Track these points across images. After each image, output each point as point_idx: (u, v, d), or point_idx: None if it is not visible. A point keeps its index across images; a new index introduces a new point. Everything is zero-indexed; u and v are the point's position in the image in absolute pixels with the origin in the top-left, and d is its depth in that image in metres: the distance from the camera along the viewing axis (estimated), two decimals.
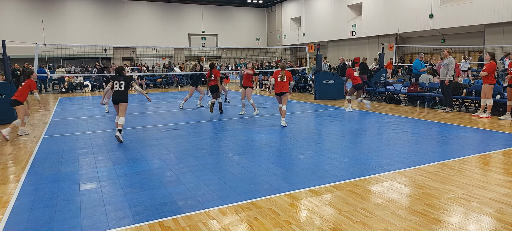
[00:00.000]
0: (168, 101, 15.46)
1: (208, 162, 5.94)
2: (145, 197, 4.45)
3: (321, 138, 7.75)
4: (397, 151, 6.41)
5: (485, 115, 9.56)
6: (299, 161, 5.90)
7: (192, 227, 3.67)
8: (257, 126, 9.27)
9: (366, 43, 30.76)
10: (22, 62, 22.50)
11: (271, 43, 41.81)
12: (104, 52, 33.31)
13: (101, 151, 6.93)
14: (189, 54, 37.58)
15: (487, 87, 9.47)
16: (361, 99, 11.92)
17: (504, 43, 21.21)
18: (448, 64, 10.48)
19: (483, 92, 9.63)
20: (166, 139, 7.84)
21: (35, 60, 12.42)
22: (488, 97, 9.53)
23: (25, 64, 21.04)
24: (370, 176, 5.07)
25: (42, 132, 9.07)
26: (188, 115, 11.32)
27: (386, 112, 10.98)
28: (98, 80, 22.26)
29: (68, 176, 5.37)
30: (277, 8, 40.86)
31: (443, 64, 10.67)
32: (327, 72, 15.69)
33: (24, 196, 4.63)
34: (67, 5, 33.30)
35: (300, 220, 3.76)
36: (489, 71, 9.44)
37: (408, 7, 26.17)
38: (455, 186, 4.63)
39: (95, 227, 3.70)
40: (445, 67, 10.57)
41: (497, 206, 3.99)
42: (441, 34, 25.51)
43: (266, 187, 4.71)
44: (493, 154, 6.14)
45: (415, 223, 3.62)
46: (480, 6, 21.99)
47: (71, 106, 14.41)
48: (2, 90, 10.22)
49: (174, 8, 37.54)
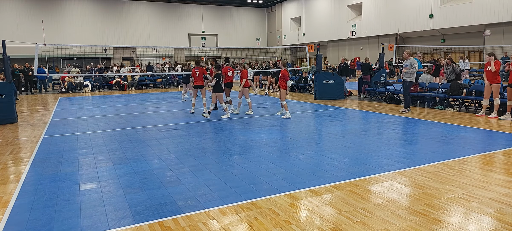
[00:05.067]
0: (168, 101, 15.46)
1: (208, 162, 5.94)
2: (145, 197, 4.45)
3: (321, 138, 7.75)
4: (397, 151, 6.41)
5: (493, 115, 9.54)
6: (299, 161, 5.90)
7: (192, 227, 3.67)
8: (257, 126, 9.27)
9: (366, 43, 30.76)
10: (22, 62, 22.51)
11: (271, 43, 41.83)
12: (104, 52, 33.31)
13: (101, 151, 6.92)
14: (189, 54, 37.58)
15: (495, 87, 9.45)
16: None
17: (504, 43, 21.21)
18: (412, 64, 10.63)
19: (487, 92, 9.63)
20: (166, 139, 7.84)
21: (35, 60, 12.41)
22: (495, 97, 9.51)
23: (25, 64, 21.05)
24: (370, 176, 5.07)
25: (42, 132, 9.07)
26: (188, 115, 11.32)
27: (386, 113, 10.98)
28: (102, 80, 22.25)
29: (68, 176, 5.37)
30: (277, 8, 40.88)
31: (405, 65, 10.79)
32: (327, 72, 15.69)
33: (24, 196, 4.63)
34: (67, 5, 33.31)
35: (300, 220, 3.76)
36: (498, 68, 9.41)
37: (408, 7, 26.18)
38: (455, 186, 4.63)
39: (95, 227, 3.70)
40: (407, 68, 10.74)
41: (497, 206, 3.99)
42: (441, 34, 25.51)
43: (266, 187, 4.71)
44: (493, 154, 6.14)
45: (415, 223, 3.62)
46: (480, 6, 22.00)
47: (71, 106, 14.41)
48: (2, 90, 10.22)
49: (174, 8, 37.55)
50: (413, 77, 10.84)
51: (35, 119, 11.34)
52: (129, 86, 23.15)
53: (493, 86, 9.51)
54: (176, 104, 14.25)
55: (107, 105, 14.70)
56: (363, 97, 15.09)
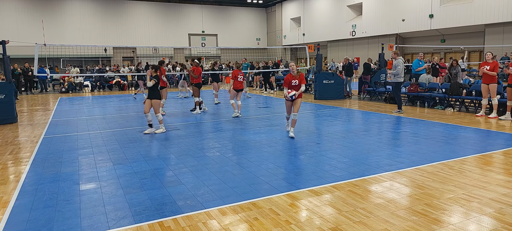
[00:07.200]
0: (168, 101, 15.45)
1: (208, 162, 5.94)
2: (145, 197, 4.45)
3: (321, 138, 7.75)
4: (397, 151, 6.41)
5: (493, 115, 9.54)
6: (299, 161, 5.90)
7: (192, 227, 3.67)
8: (257, 126, 9.27)
9: (366, 43, 30.75)
10: (22, 62, 22.50)
11: (271, 43, 41.80)
12: (104, 52, 33.30)
13: (101, 151, 6.92)
14: (189, 54, 37.56)
15: (493, 87, 9.45)
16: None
17: (504, 43, 21.20)
18: (396, 65, 10.61)
19: (485, 91, 9.63)
20: (166, 139, 7.84)
21: (35, 60, 12.41)
22: (493, 97, 9.52)
23: (25, 64, 21.05)
24: (370, 176, 5.07)
25: (42, 132, 9.07)
26: (188, 115, 11.32)
27: (386, 113, 10.97)
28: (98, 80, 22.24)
29: (68, 176, 5.37)
30: (277, 8, 40.85)
31: (393, 67, 10.76)
32: (327, 72, 15.69)
33: (24, 196, 4.63)
34: (67, 5, 33.28)
35: (300, 220, 3.76)
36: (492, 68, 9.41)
37: (408, 7, 26.16)
38: (455, 186, 4.63)
39: (95, 227, 3.70)
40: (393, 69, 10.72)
41: (497, 206, 3.99)
42: (441, 34, 25.50)
43: (266, 187, 4.71)
44: (493, 154, 6.14)
45: (415, 223, 3.62)
46: (480, 6, 21.98)
47: (71, 106, 14.41)
48: (2, 90, 10.22)
49: (174, 8, 37.53)
50: (401, 77, 10.70)
51: (35, 119, 11.34)
52: (129, 86, 23.20)
53: (490, 86, 9.51)
54: (176, 104, 14.25)
55: (107, 105, 14.70)
56: (363, 97, 15.09)
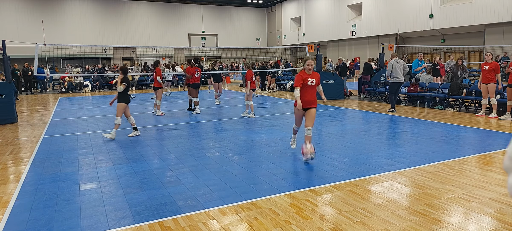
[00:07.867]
0: (168, 101, 15.45)
1: (208, 162, 5.94)
2: (145, 197, 4.45)
3: (321, 138, 7.74)
4: (397, 151, 6.41)
5: (493, 115, 9.54)
6: (299, 161, 5.90)
7: (192, 227, 3.67)
8: (257, 126, 9.27)
9: (366, 43, 30.75)
10: (22, 62, 22.50)
11: (271, 43, 41.80)
12: (104, 52, 33.31)
13: (101, 151, 6.92)
14: (189, 54, 37.57)
15: (492, 87, 9.46)
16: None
17: (504, 43, 21.20)
18: (389, 67, 10.79)
19: (484, 91, 9.63)
20: (166, 139, 7.84)
21: (35, 60, 12.41)
22: (491, 97, 9.52)
23: (25, 64, 21.05)
24: (370, 176, 5.07)
25: (42, 132, 9.07)
26: (188, 115, 11.32)
27: (386, 113, 10.97)
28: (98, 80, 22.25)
29: (68, 176, 5.37)
30: (277, 8, 40.85)
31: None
32: (327, 72, 15.68)
33: (24, 196, 4.63)
34: (67, 5, 33.29)
35: (300, 220, 3.76)
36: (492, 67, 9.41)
37: (408, 7, 26.16)
38: (455, 186, 4.63)
39: (95, 227, 3.70)
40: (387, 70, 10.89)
41: (497, 206, 3.99)
42: (441, 34, 25.50)
43: (266, 187, 4.71)
44: (493, 154, 6.14)
45: (415, 223, 3.62)
46: (480, 6, 21.98)
47: (71, 106, 14.41)
48: (2, 90, 10.22)
49: (174, 8, 37.54)
50: (397, 78, 10.75)
51: (35, 119, 11.34)
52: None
53: (489, 86, 9.51)
54: (176, 104, 14.25)
55: (107, 105, 14.69)
56: (363, 97, 15.09)
